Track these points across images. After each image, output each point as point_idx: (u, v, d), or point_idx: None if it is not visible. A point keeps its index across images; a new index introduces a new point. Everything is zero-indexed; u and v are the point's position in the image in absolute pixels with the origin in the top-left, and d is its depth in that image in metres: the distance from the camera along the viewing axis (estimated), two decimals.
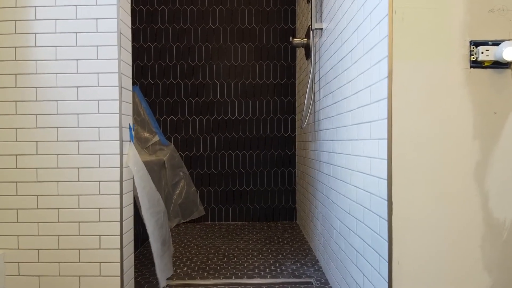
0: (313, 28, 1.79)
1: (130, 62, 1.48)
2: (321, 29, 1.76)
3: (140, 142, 2.61)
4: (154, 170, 2.28)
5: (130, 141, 1.45)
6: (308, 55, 2.15)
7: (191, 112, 2.75)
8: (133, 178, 1.49)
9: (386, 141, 0.93)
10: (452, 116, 0.91)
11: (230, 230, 2.53)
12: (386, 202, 0.93)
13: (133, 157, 1.43)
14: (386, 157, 0.93)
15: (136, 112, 2.61)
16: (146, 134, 2.64)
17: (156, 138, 2.66)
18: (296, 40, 2.15)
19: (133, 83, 2.76)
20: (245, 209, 2.78)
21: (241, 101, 2.76)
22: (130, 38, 1.47)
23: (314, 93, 1.93)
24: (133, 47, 2.74)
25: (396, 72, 0.91)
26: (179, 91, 2.75)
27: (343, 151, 1.37)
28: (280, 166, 2.77)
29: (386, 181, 0.93)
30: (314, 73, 1.90)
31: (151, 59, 2.74)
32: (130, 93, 1.48)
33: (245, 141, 2.76)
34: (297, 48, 2.68)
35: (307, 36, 2.11)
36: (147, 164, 2.04)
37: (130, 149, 1.43)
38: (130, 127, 1.46)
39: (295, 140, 2.78)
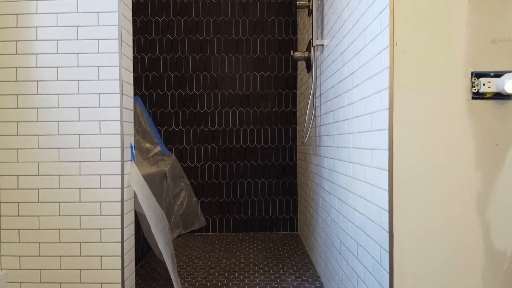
0: (314, 44, 1.79)
1: (132, 82, 1.48)
2: (322, 45, 1.76)
3: (141, 153, 2.61)
4: (156, 181, 2.28)
5: (131, 160, 1.45)
6: (309, 68, 2.14)
7: (192, 122, 2.75)
8: (134, 197, 1.49)
9: (387, 172, 0.93)
10: (454, 147, 0.91)
11: (231, 242, 2.53)
12: (387, 234, 0.93)
13: (135, 176, 1.43)
14: (387, 188, 0.93)
15: (137, 123, 2.62)
16: (147, 145, 2.65)
17: (158, 148, 2.66)
18: (297, 54, 2.15)
19: (135, 94, 2.76)
20: (246, 219, 2.78)
21: (242, 111, 2.76)
22: (131, 57, 1.47)
23: (315, 108, 1.93)
24: (134, 57, 2.74)
25: (397, 103, 0.91)
26: (180, 101, 2.75)
27: (344, 172, 1.37)
28: (281, 176, 2.77)
29: (387, 213, 0.93)
30: (315, 88, 1.90)
31: (153, 70, 2.74)
32: (132, 113, 1.48)
33: (247, 151, 2.76)
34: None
35: (308, 49, 2.11)
36: (148, 176, 2.04)
37: (132, 169, 1.43)
38: (131, 146, 1.46)
39: (296, 151, 2.77)
